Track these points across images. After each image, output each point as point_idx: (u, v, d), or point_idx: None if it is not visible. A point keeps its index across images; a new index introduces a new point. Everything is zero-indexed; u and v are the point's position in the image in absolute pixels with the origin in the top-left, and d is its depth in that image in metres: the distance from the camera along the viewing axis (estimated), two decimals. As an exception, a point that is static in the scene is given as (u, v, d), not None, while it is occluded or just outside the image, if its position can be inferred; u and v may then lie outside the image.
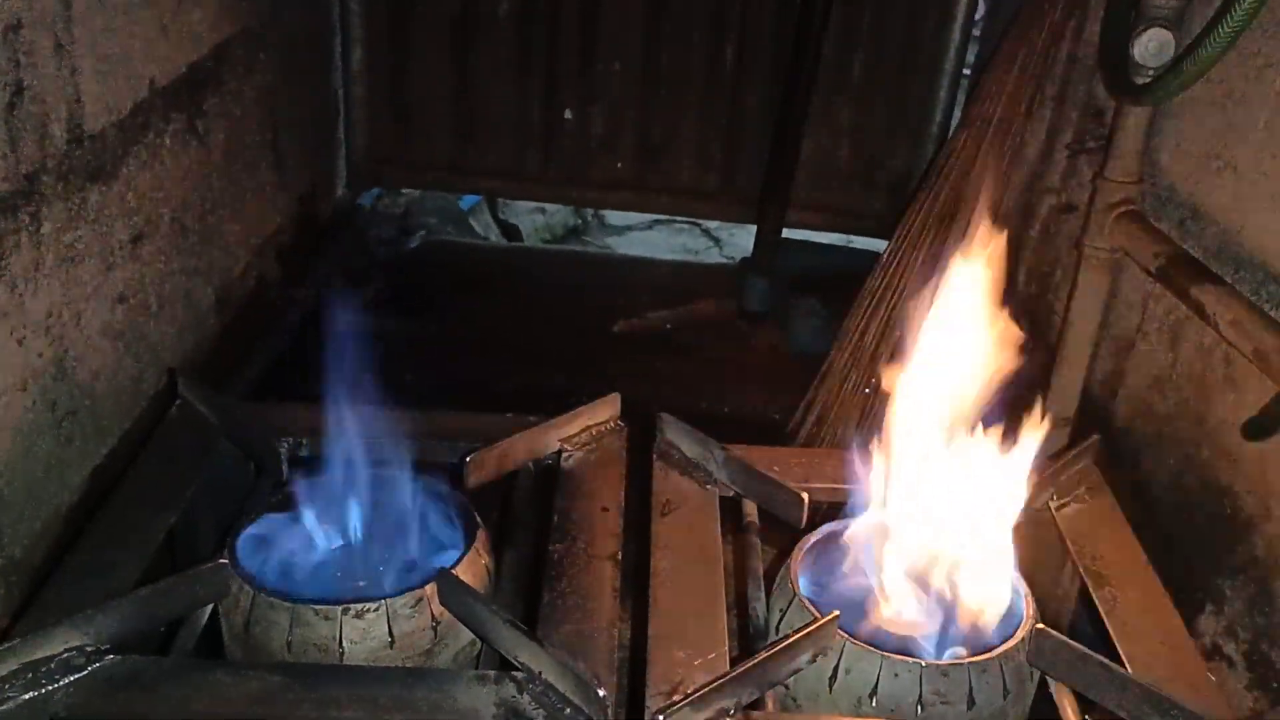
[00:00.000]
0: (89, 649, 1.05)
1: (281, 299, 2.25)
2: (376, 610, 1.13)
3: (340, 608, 1.12)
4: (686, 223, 3.86)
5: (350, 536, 1.27)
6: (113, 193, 1.54)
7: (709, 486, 1.38)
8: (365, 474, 1.30)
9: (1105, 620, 1.23)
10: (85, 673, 1.04)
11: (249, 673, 1.06)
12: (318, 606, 1.12)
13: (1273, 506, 1.45)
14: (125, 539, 1.23)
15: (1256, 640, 1.45)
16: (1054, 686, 1.16)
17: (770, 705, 1.11)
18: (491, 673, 1.08)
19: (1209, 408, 1.58)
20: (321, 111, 2.58)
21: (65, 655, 1.04)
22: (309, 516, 1.26)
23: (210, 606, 1.18)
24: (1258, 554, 1.47)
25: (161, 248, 1.71)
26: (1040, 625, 1.13)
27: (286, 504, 1.27)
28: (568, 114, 2.65)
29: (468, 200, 3.33)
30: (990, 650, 1.13)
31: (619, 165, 2.72)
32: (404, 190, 3.06)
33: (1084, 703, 1.14)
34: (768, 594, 1.25)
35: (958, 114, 2.40)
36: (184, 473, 1.35)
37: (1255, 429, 1.42)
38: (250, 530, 1.23)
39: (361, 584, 1.22)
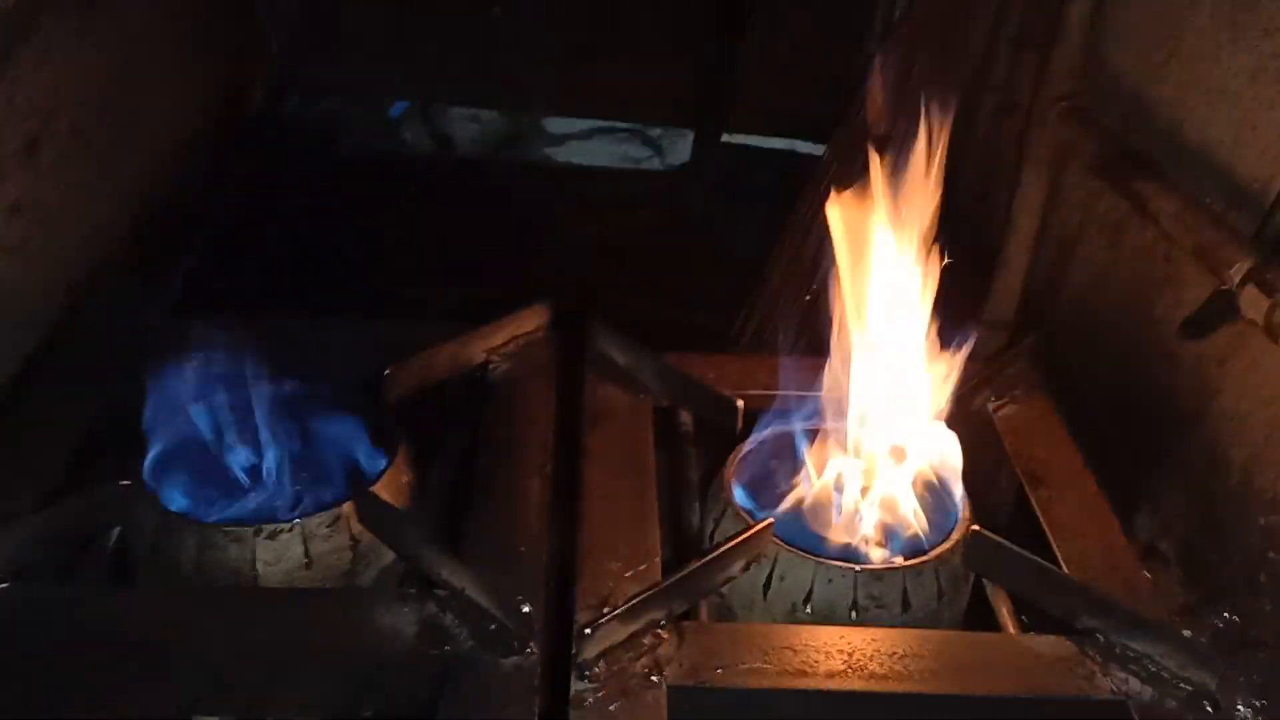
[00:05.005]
0: (-20, 578, 0.99)
1: (198, 209, 2.14)
2: (291, 531, 1.08)
3: (252, 529, 1.07)
4: (627, 130, 3.74)
5: (265, 455, 1.21)
6: (-2, 96, 1.43)
7: (642, 396, 1.34)
8: (281, 389, 1.24)
9: (1041, 521, 1.22)
10: (-23, 603, 0.98)
11: (154, 597, 1.02)
12: (228, 528, 1.07)
13: (1209, 406, 1.44)
14: (24, 465, 1.16)
15: (1190, 538, 1.46)
16: (990, 588, 1.15)
17: (704, 615, 1.09)
18: (412, 591, 1.04)
19: (1149, 306, 1.56)
20: (237, 8, 2.44)
21: (-45, 586, 0.98)
22: (222, 434, 1.20)
23: (119, 531, 1.13)
24: (1194, 454, 1.46)
25: (61, 155, 1.60)
26: (975, 527, 1.11)
27: (198, 422, 1.21)
28: (497, 10, 2.53)
29: (397, 108, 3.20)
30: (924, 553, 1.12)
31: (553, 67, 2.61)
32: (330, 97, 2.92)
33: (1020, 604, 1.13)
34: (703, 504, 1.22)
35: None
36: (87, 393, 1.28)
37: (1193, 327, 1.40)
38: (158, 450, 1.17)
39: (277, 504, 1.16)
